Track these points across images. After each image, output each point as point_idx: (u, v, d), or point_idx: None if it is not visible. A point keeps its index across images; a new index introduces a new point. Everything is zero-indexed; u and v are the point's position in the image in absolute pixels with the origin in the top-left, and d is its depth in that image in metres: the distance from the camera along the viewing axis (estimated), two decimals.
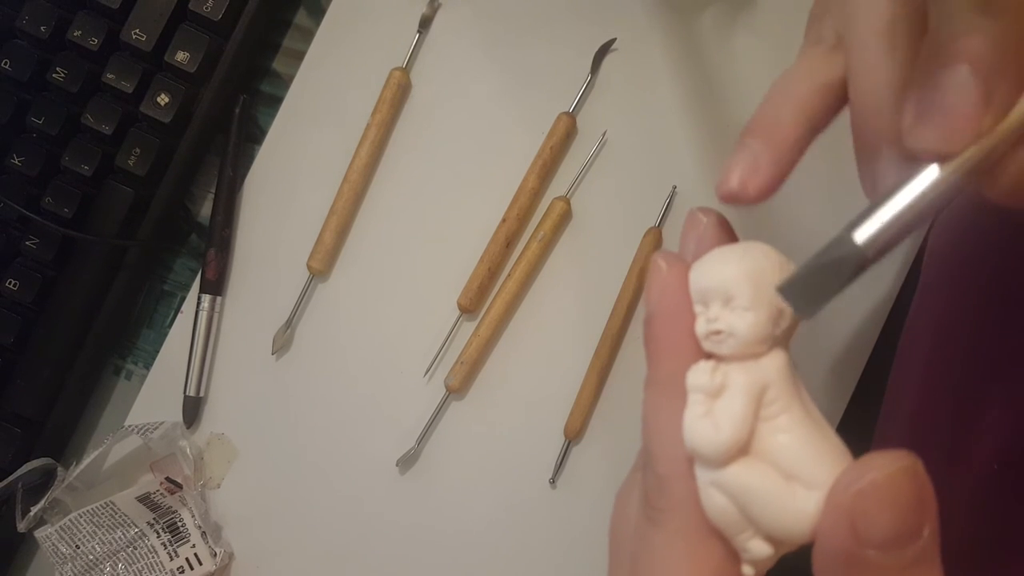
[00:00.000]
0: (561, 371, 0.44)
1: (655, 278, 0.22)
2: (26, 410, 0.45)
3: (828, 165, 0.32)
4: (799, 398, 0.21)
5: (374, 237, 0.45)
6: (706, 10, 0.44)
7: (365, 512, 0.44)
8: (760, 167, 0.23)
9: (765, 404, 0.21)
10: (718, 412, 0.20)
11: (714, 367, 0.21)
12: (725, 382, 0.21)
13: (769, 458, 0.20)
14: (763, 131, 0.23)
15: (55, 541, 0.42)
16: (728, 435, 0.20)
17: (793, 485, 0.20)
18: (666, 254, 0.23)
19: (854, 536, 0.18)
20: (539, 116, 0.44)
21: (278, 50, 0.47)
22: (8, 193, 0.44)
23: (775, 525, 0.20)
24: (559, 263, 0.45)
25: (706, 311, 0.21)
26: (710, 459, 0.20)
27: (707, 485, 0.20)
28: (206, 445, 0.45)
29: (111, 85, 0.44)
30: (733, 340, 0.21)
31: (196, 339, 0.45)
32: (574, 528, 0.43)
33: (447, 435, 0.44)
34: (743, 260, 0.21)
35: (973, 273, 0.35)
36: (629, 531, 0.23)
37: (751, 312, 0.21)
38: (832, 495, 0.19)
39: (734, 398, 0.20)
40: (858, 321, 0.43)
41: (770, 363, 0.21)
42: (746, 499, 0.20)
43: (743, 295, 0.21)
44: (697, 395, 0.21)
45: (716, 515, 0.20)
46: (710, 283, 0.21)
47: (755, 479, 0.20)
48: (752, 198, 0.23)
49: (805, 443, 0.20)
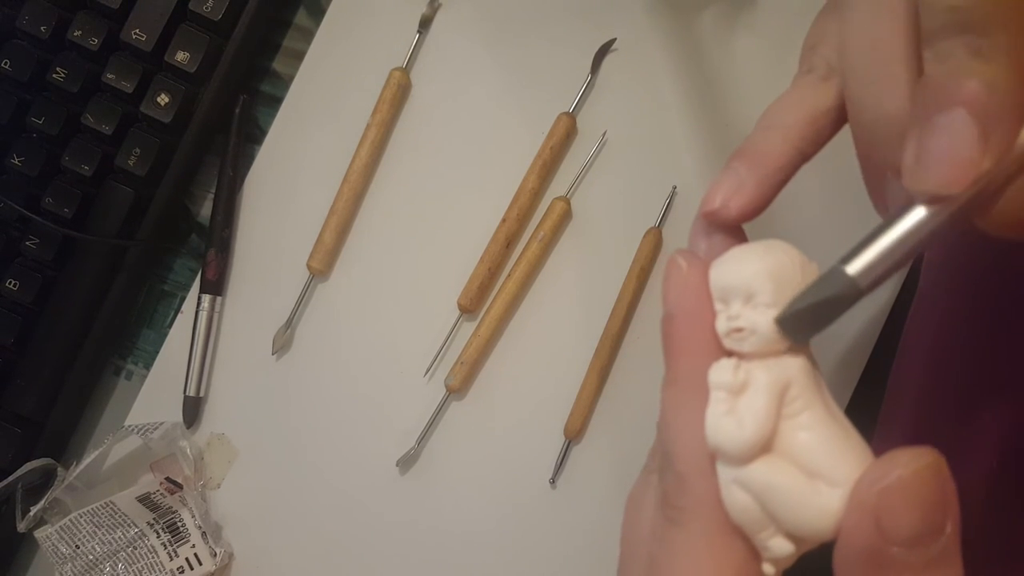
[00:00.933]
0: (561, 371, 0.44)
1: (674, 276, 0.22)
2: (26, 410, 0.45)
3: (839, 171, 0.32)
4: (821, 395, 0.21)
5: (374, 237, 0.45)
6: (706, 10, 0.44)
7: (365, 512, 0.44)
8: (744, 188, 0.23)
9: (787, 401, 0.21)
10: (741, 409, 0.20)
11: (736, 364, 0.21)
12: (748, 379, 0.21)
13: (791, 456, 0.20)
14: (751, 156, 0.24)
15: (55, 541, 0.42)
16: (751, 432, 0.20)
17: (816, 482, 0.20)
18: (685, 252, 0.23)
19: (879, 533, 0.18)
20: (539, 116, 0.44)
21: (278, 50, 0.47)
22: (8, 193, 0.44)
23: (798, 523, 0.20)
24: (559, 263, 0.45)
25: (727, 309, 0.22)
26: (733, 456, 0.20)
27: (729, 483, 0.20)
28: (206, 445, 0.45)
29: (111, 85, 0.44)
30: (755, 337, 0.21)
31: (196, 339, 0.45)
32: (574, 528, 0.43)
33: (447, 435, 0.44)
34: (765, 257, 0.21)
35: (970, 278, 0.35)
36: (644, 533, 0.23)
37: (773, 309, 0.21)
38: (856, 492, 0.19)
39: (757, 395, 0.20)
40: (857, 325, 0.43)
41: (792, 360, 0.21)
42: (769, 496, 0.20)
43: (765, 292, 0.21)
44: (720, 393, 0.21)
45: (738, 513, 0.20)
46: (732, 280, 0.21)
47: (778, 476, 0.20)
48: (734, 217, 0.23)
49: (827, 440, 0.20)
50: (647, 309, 0.44)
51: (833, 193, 0.40)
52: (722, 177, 0.24)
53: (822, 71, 0.24)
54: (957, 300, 0.36)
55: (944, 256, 0.37)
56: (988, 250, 0.34)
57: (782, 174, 0.24)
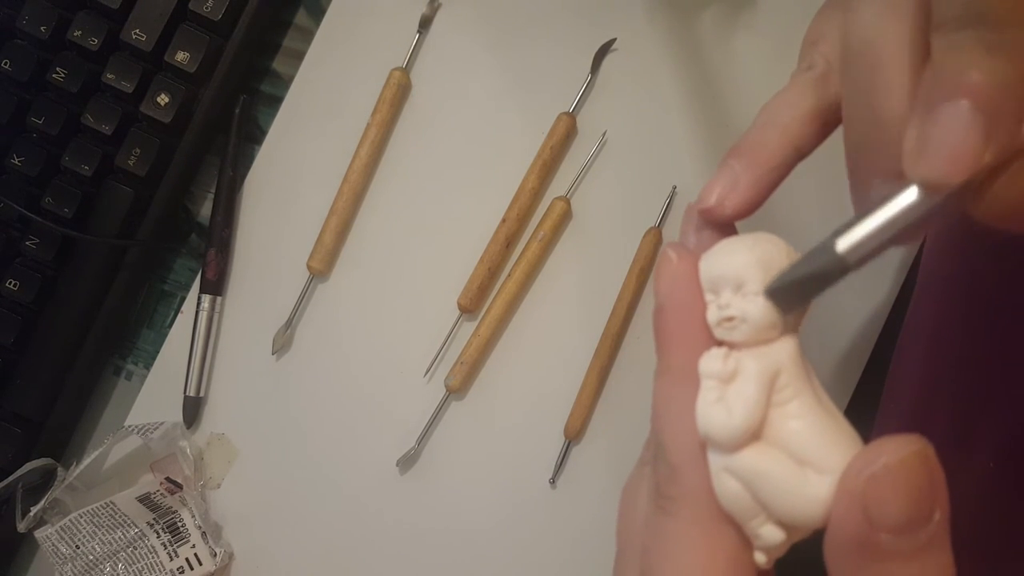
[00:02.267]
0: (561, 371, 0.44)
1: (665, 268, 0.23)
2: (26, 410, 0.45)
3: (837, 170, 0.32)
4: (810, 384, 0.21)
5: (374, 237, 0.45)
6: (706, 10, 0.44)
7: (365, 512, 0.44)
8: (739, 185, 0.23)
9: (777, 390, 0.21)
10: (731, 397, 0.21)
11: (727, 353, 0.21)
12: (737, 368, 0.21)
13: (781, 444, 0.20)
14: (746, 153, 0.24)
15: (55, 541, 0.42)
16: (741, 419, 0.20)
17: (805, 470, 0.20)
18: (675, 245, 0.23)
19: (867, 521, 0.18)
20: (539, 116, 0.44)
21: (278, 50, 0.47)
22: (8, 193, 0.44)
23: (788, 510, 0.20)
24: (559, 263, 0.45)
25: (717, 299, 0.22)
26: (723, 444, 0.20)
27: (720, 471, 0.21)
28: (206, 445, 0.45)
29: (111, 85, 0.44)
30: (746, 326, 0.21)
31: (196, 339, 0.45)
32: (574, 528, 0.43)
33: (447, 435, 0.44)
34: (754, 248, 0.22)
35: (968, 276, 0.35)
36: (638, 524, 0.23)
37: (762, 297, 0.21)
38: (844, 480, 0.19)
39: (747, 383, 0.21)
40: (858, 322, 0.43)
41: (781, 349, 0.21)
42: (759, 484, 0.20)
43: (755, 280, 0.21)
44: (710, 381, 0.21)
45: (729, 501, 0.21)
46: (722, 271, 0.22)
47: (768, 464, 0.20)
48: (729, 215, 0.24)
49: (817, 429, 0.20)
50: (647, 309, 0.44)
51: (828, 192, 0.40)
52: (718, 174, 0.24)
53: (821, 68, 0.24)
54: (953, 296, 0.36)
55: (940, 253, 0.37)
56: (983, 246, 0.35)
57: (778, 172, 0.24)
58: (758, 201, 0.24)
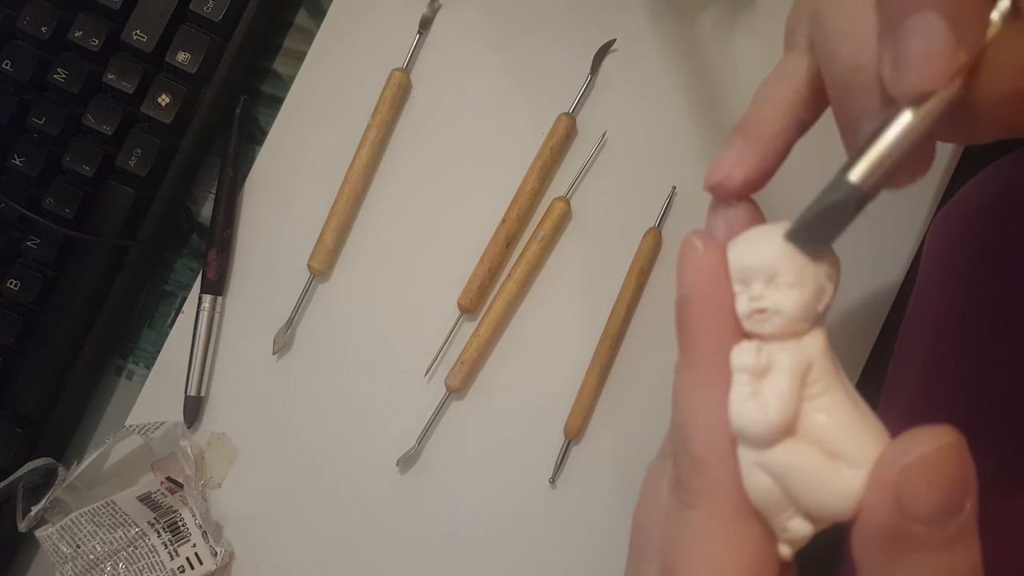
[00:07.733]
0: (561, 371, 0.44)
1: (691, 258, 0.22)
2: (27, 410, 0.45)
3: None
4: (839, 377, 0.21)
5: (374, 237, 0.46)
6: (706, 10, 0.44)
7: (365, 512, 0.44)
8: (745, 158, 0.24)
9: (808, 383, 0.20)
10: (765, 392, 0.20)
11: (759, 347, 0.21)
12: (770, 362, 0.21)
13: (812, 437, 0.20)
14: (747, 129, 0.24)
15: (56, 541, 0.42)
16: (776, 415, 0.20)
17: (837, 464, 0.20)
18: (701, 233, 0.23)
19: (899, 511, 0.18)
20: (539, 116, 0.45)
21: (279, 51, 0.47)
22: (9, 193, 0.44)
23: (820, 504, 0.20)
24: (559, 263, 0.45)
25: (748, 290, 0.21)
26: (758, 439, 0.20)
27: (751, 465, 0.20)
28: (207, 445, 0.45)
29: (112, 86, 0.44)
30: (779, 319, 0.21)
31: (197, 339, 0.45)
32: (574, 527, 0.43)
33: (447, 435, 0.44)
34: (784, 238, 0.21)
35: (967, 275, 0.35)
36: (658, 517, 0.23)
37: (796, 289, 0.21)
38: (877, 471, 0.19)
39: (780, 377, 0.20)
40: (858, 320, 0.43)
41: (812, 342, 0.21)
42: (791, 479, 0.20)
43: (788, 272, 0.21)
44: (743, 376, 0.21)
45: (758, 496, 0.20)
46: (753, 261, 0.21)
47: (801, 459, 0.20)
48: (739, 186, 0.24)
49: (847, 422, 0.20)
50: (647, 309, 0.44)
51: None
52: (723, 152, 0.24)
53: (803, 45, 0.25)
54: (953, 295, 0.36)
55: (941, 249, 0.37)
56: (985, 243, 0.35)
57: (779, 140, 0.24)
58: (767, 170, 0.24)
